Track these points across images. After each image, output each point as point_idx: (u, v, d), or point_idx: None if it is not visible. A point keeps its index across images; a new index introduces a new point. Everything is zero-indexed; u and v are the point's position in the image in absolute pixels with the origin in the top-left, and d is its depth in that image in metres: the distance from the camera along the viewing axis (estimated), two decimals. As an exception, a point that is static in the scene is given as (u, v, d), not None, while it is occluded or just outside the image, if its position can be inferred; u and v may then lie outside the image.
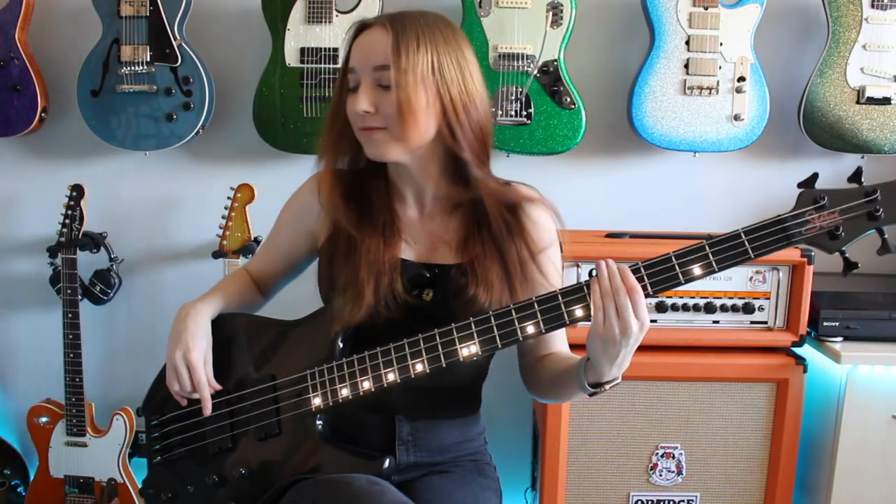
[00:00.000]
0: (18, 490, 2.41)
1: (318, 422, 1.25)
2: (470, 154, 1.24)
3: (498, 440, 1.54)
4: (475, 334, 1.16)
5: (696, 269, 1.11)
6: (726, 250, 1.11)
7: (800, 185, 1.12)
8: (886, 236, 1.10)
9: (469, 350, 1.17)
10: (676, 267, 1.12)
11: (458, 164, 1.26)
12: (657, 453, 2.03)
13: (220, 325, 1.35)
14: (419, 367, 1.18)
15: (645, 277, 1.12)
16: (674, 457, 2.03)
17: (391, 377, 1.19)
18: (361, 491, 1.12)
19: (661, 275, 1.13)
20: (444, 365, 1.18)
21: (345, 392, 1.22)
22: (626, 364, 1.14)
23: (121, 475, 2.30)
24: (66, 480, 2.32)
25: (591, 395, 1.19)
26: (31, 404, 2.35)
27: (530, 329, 1.15)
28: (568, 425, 1.99)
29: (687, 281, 1.13)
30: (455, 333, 1.17)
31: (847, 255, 1.11)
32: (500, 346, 1.16)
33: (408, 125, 1.19)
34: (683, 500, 2.04)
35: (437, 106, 1.21)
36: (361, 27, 1.24)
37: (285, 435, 1.26)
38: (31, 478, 2.38)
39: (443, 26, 1.24)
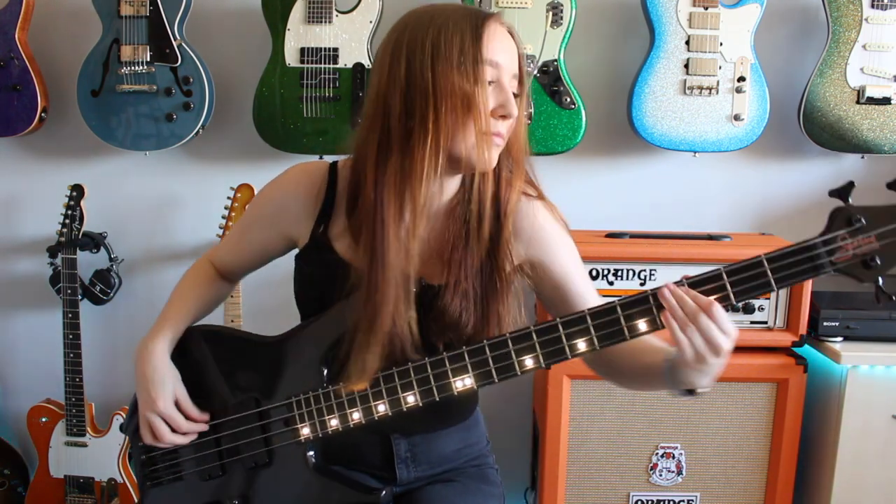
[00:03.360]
0: (18, 490, 2.41)
1: (309, 452, 1.20)
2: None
3: (498, 440, 1.53)
4: (469, 367, 1.09)
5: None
6: (746, 280, 0.99)
7: (832, 194, 0.98)
8: None
9: (464, 383, 1.10)
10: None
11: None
12: (657, 453, 2.03)
13: (193, 345, 1.28)
14: (411, 400, 1.12)
15: (654, 309, 1.03)
16: (674, 457, 2.03)
17: (382, 409, 1.13)
18: None
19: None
20: (437, 398, 1.11)
21: (334, 423, 1.16)
22: (717, 375, 1.05)
23: (121, 475, 2.30)
24: (66, 480, 2.32)
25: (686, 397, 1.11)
26: (31, 404, 2.36)
27: (529, 363, 1.07)
28: (568, 425, 1.99)
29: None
30: (447, 364, 1.10)
31: (882, 284, 0.98)
32: (496, 380, 1.08)
33: (521, 136, 1.16)
34: (683, 500, 2.04)
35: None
36: (490, 20, 1.10)
37: (276, 465, 1.22)
38: (31, 478, 2.38)
39: None
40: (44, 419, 2.33)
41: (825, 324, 2.01)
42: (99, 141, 2.26)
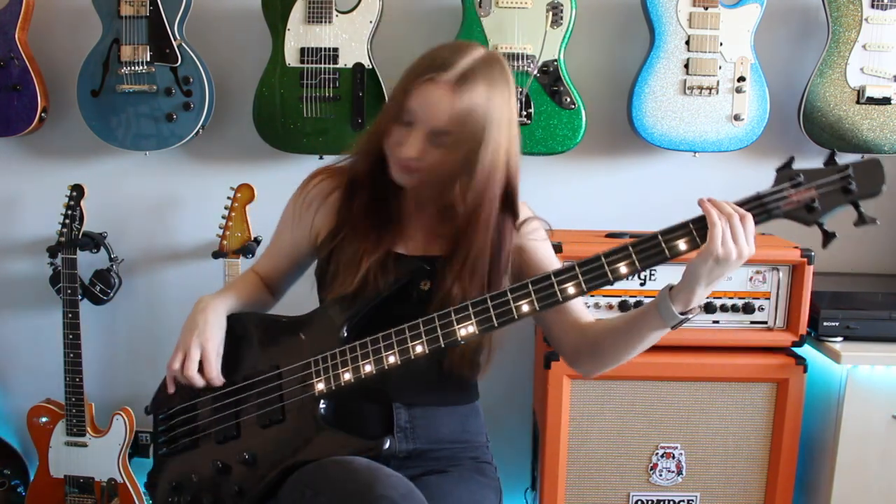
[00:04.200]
0: (18, 490, 2.41)
1: (321, 405, 1.28)
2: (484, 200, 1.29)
3: (498, 440, 1.54)
4: (472, 315, 1.22)
5: (682, 245, 1.18)
6: (707, 227, 1.17)
7: (778, 170, 1.20)
8: (862, 209, 1.16)
9: (467, 330, 1.22)
10: (663, 243, 1.18)
11: None
12: (657, 453, 2.03)
13: (230, 324, 1.38)
14: (419, 349, 1.22)
15: (633, 254, 1.18)
16: (674, 457, 2.03)
17: (392, 360, 1.23)
18: (361, 468, 1.15)
19: (649, 250, 1.19)
20: (442, 345, 1.22)
21: (347, 376, 1.25)
22: (713, 288, 1.20)
23: (121, 475, 2.30)
24: (66, 480, 2.32)
25: (676, 326, 1.22)
26: (31, 404, 2.35)
27: (525, 308, 1.20)
28: (568, 425, 1.99)
29: (674, 256, 1.19)
30: (453, 315, 1.22)
31: (825, 226, 1.17)
32: (496, 325, 1.21)
33: (444, 183, 1.27)
34: (683, 500, 2.04)
35: (481, 167, 1.25)
36: (429, 75, 1.22)
37: (289, 421, 1.29)
38: (31, 478, 2.38)
39: (504, 85, 1.26)
40: (44, 419, 2.33)
41: (825, 324, 2.01)
42: (99, 141, 2.26)
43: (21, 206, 2.49)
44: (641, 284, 2.00)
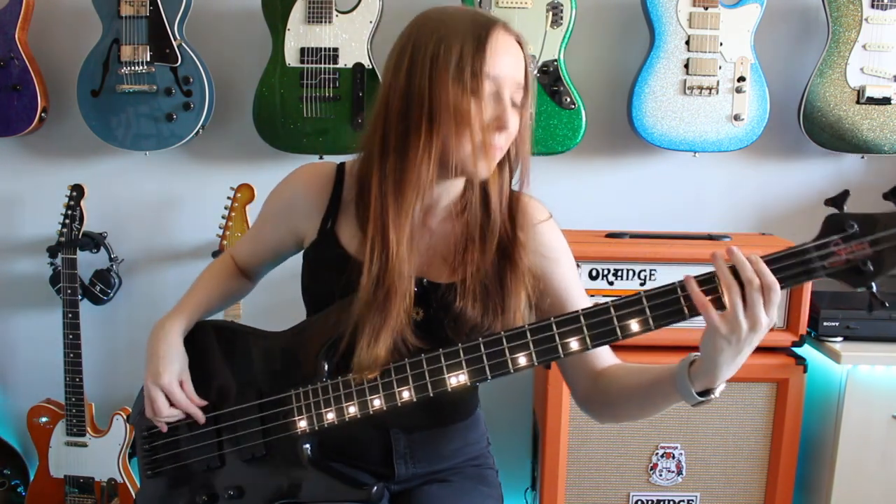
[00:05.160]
0: (18, 490, 2.41)
1: (305, 445, 1.21)
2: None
3: (498, 440, 1.54)
4: (464, 363, 1.10)
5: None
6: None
7: (827, 203, 1.00)
8: None
9: (458, 380, 1.11)
10: (682, 299, 1.03)
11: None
12: (657, 453, 2.03)
13: (202, 336, 1.32)
14: (406, 395, 1.13)
15: (646, 309, 1.04)
16: (674, 457, 2.03)
17: (377, 403, 1.14)
18: None
19: (665, 307, 1.04)
20: (431, 394, 1.12)
21: (330, 416, 1.18)
22: (741, 364, 1.03)
23: (121, 475, 2.30)
24: (66, 480, 2.32)
25: (697, 404, 1.08)
26: (31, 404, 2.36)
27: (522, 361, 1.09)
28: (568, 425, 1.99)
29: (694, 315, 1.05)
30: (443, 361, 1.12)
31: (875, 290, 0.98)
32: (489, 377, 1.10)
33: (521, 148, 1.20)
34: (683, 500, 2.04)
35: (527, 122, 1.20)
36: (495, 32, 1.10)
37: (272, 457, 1.23)
38: (31, 478, 2.38)
39: None
40: (44, 419, 2.33)
41: (825, 324, 2.01)
42: (99, 141, 2.26)
43: (21, 206, 2.49)
44: (641, 284, 2.00)
